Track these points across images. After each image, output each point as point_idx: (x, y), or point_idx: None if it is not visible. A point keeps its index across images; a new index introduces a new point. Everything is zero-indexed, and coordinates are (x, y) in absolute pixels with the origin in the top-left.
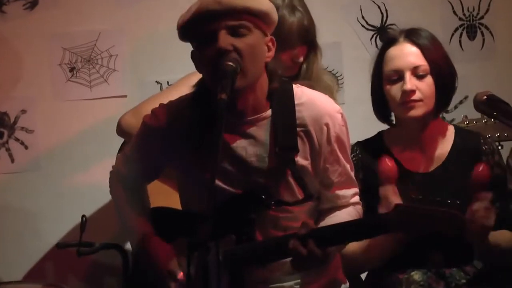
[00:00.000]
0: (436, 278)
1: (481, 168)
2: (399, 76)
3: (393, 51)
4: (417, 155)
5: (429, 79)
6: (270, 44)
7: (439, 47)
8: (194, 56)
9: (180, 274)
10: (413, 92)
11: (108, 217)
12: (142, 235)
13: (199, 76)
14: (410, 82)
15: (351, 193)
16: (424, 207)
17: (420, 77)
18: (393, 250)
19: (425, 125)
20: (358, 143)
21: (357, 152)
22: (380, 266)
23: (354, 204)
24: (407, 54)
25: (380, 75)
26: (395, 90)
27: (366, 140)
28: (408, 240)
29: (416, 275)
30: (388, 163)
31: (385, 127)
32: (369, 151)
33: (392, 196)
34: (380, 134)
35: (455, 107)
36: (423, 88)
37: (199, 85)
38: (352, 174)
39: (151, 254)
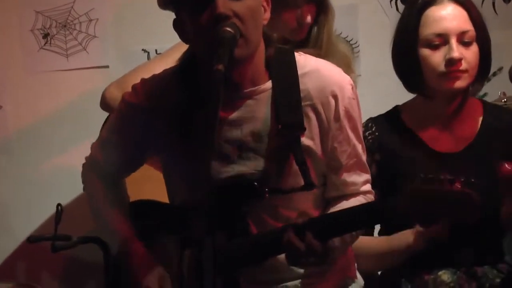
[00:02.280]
0: (467, 278)
1: (506, 167)
2: (442, 41)
3: (435, 11)
4: (442, 134)
5: (474, 47)
6: (265, 4)
7: (478, 10)
8: (177, 25)
9: None
10: (460, 61)
11: (87, 207)
12: (121, 238)
13: None
14: (457, 49)
15: (361, 180)
16: (433, 188)
17: (466, 44)
18: (416, 246)
19: (459, 99)
20: (373, 119)
21: (373, 129)
22: (399, 264)
23: (365, 192)
24: (454, 17)
25: (414, 36)
26: (437, 58)
27: (381, 116)
28: (427, 231)
29: (445, 275)
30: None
31: (403, 101)
32: (386, 128)
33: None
34: (396, 109)
35: (488, 80)
36: (469, 57)
37: (185, 57)
38: (364, 157)
39: (130, 262)
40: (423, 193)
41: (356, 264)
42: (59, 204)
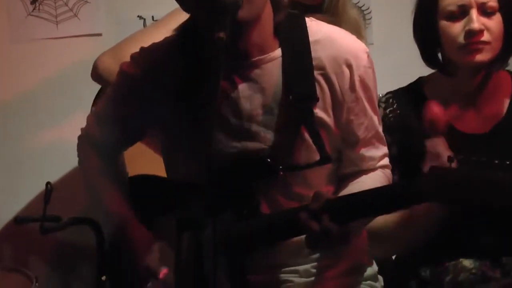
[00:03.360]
0: (491, 265)
1: None
2: (462, 11)
3: None
4: (469, 112)
5: (497, 18)
6: None
7: None
8: None
9: (163, 272)
10: (481, 32)
11: (78, 185)
12: (119, 219)
13: None
14: (478, 20)
15: (379, 154)
16: (470, 171)
17: (488, 14)
18: (435, 225)
19: (485, 75)
20: (393, 93)
21: (395, 106)
22: (417, 248)
23: (382, 167)
24: None
25: (433, 8)
26: (456, 29)
27: (402, 90)
28: (450, 214)
29: (466, 261)
30: (435, 109)
31: (423, 73)
32: (408, 104)
33: (444, 151)
34: (419, 82)
35: None
36: (492, 28)
37: (185, 25)
38: (381, 129)
39: (129, 244)
40: (453, 175)
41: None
42: (48, 182)
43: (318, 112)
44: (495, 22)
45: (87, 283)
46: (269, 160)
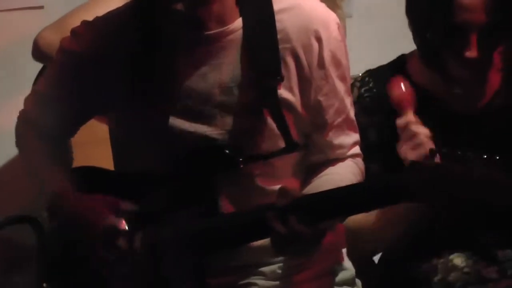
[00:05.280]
0: (486, 263)
1: None
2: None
3: None
4: (458, 91)
5: None
6: None
7: None
8: None
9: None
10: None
11: (17, 179)
12: (61, 191)
13: None
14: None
15: (350, 142)
16: (452, 166)
17: None
18: (417, 222)
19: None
20: (371, 72)
21: (371, 85)
22: (399, 246)
23: (353, 156)
24: None
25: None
26: None
27: (382, 68)
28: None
29: (458, 259)
30: (400, 85)
31: (408, 49)
32: (387, 81)
33: (414, 125)
34: (401, 59)
35: None
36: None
37: None
38: (353, 113)
39: (77, 211)
40: (436, 172)
41: (346, 249)
42: None
43: (283, 92)
44: None
45: None
46: (227, 150)
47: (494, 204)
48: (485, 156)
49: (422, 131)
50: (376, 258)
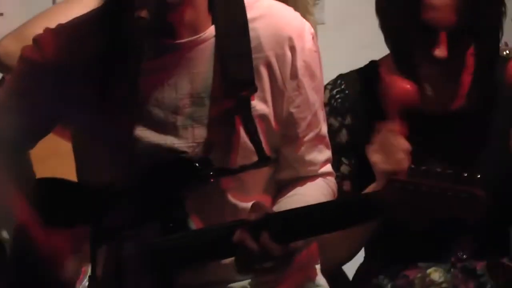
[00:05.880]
0: (464, 277)
1: None
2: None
3: None
4: (431, 92)
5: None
6: None
7: None
8: None
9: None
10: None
11: None
12: (21, 224)
13: None
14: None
15: (322, 159)
16: (430, 183)
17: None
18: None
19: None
20: (342, 75)
21: (343, 87)
22: (369, 258)
23: (324, 175)
24: None
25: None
26: None
27: (353, 72)
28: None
29: (435, 273)
30: (405, 85)
31: (380, 56)
32: (359, 85)
33: (394, 137)
34: (374, 64)
35: None
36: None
37: (104, 2)
38: (325, 128)
39: (37, 252)
40: (415, 188)
41: (319, 263)
42: None
43: (256, 103)
44: None
45: None
46: (197, 164)
47: (469, 221)
48: (466, 175)
49: (403, 146)
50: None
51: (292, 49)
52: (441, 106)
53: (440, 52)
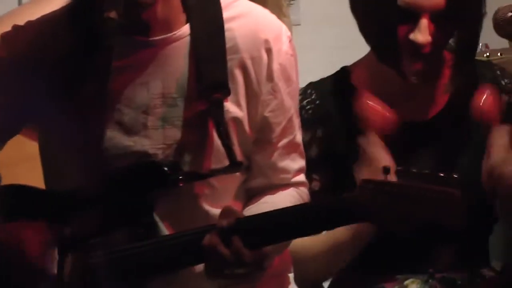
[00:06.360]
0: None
1: (484, 96)
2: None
3: None
4: (407, 98)
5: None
6: None
7: None
8: None
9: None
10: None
11: None
12: None
13: None
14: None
15: (295, 167)
16: (407, 185)
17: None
18: (365, 233)
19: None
20: (313, 84)
21: (313, 97)
22: (345, 269)
23: (297, 184)
24: None
25: None
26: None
27: (324, 80)
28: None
29: (413, 285)
30: (372, 102)
31: (357, 58)
32: (330, 95)
33: (380, 152)
34: (345, 70)
35: None
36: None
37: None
38: (300, 136)
39: (10, 244)
40: (389, 189)
41: (293, 273)
42: None
43: (230, 106)
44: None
45: None
46: (166, 168)
47: (446, 224)
48: (442, 175)
49: (382, 158)
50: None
51: (268, 51)
52: (417, 114)
53: (423, 36)
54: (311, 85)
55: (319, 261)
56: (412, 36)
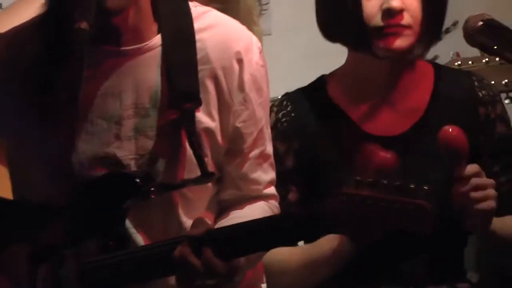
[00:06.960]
0: None
1: (450, 131)
2: None
3: None
4: (382, 111)
5: None
6: None
7: None
8: None
9: None
10: (401, 13)
11: None
12: None
13: None
14: None
15: (266, 179)
16: (376, 196)
17: None
18: (343, 251)
19: (401, 65)
20: (288, 95)
21: (289, 109)
22: (327, 279)
23: (267, 197)
24: None
25: None
26: (370, 7)
27: (300, 91)
28: (360, 243)
29: None
30: (382, 155)
31: (331, 68)
32: (306, 107)
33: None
34: (321, 80)
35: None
36: (414, 8)
37: (44, 11)
38: (271, 149)
39: None
40: (361, 200)
41: (267, 286)
42: None
43: (202, 117)
44: (418, 1)
45: None
46: (137, 179)
47: (415, 234)
48: (412, 186)
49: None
50: None
51: (240, 62)
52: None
53: (396, 2)
54: (286, 96)
55: (295, 276)
56: (385, 4)
